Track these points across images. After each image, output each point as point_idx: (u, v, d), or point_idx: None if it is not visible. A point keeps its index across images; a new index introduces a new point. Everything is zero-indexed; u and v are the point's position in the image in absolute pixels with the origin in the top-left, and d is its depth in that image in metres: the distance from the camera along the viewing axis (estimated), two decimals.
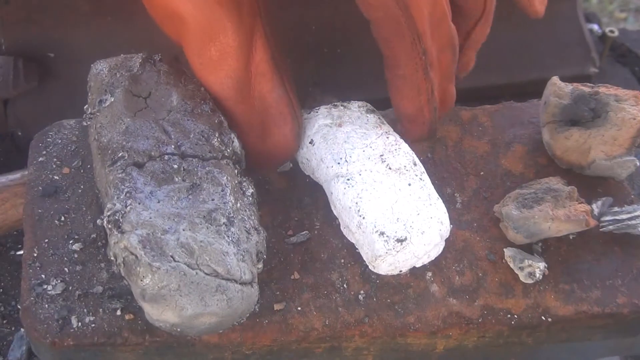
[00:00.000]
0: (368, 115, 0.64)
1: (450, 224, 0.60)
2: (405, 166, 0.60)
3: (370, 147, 0.61)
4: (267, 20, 0.59)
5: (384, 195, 0.58)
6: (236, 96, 0.59)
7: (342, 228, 0.61)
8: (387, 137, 0.62)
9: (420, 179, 0.60)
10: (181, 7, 0.56)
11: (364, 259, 0.59)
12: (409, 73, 0.60)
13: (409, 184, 0.59)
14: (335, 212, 0.62)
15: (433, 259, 0.60)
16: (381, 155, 0.60)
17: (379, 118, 0.64)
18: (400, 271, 0.59)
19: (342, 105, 0.65)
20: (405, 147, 0.62)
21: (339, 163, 0.60)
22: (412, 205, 0.58)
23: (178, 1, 0.56)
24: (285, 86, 0.61)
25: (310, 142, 0.63)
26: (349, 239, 0.61)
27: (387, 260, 0.57)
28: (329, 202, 0.62)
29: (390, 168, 0.60)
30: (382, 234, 0.57)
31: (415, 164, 0.61)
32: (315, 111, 0.65)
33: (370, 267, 0.59)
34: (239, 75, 0.58)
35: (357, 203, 0.58)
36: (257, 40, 0.58)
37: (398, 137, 0.63)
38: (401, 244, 0.57)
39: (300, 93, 0.63)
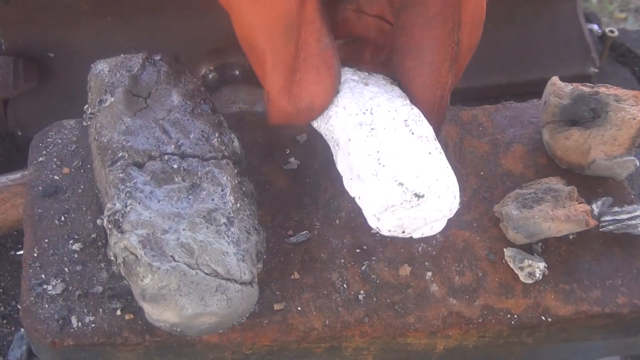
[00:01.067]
0: (393, 86, 0.63)
1: (450, 223, 0.60)
2: (427, 136, 0.59)
3: (396, 110, 0.60)
4: None
5: (408, 153, 0.57)
6: (282, 39, 0.57)
7: (346, 181, 0.60)
8: (412, 108, 0.61)
9: (440, 153, 0.59)
10: None
11: (367, 212, 0.58)
12: (438, 61, 0.59)
13: (430, 153, 0.58)
14: (341, 166, 0.60)
15: (434, 233, 0.59)
16: (405, 120, 0.59)
17: (401, 91, 0.63)
18: (403, 232, 0.58)
19: (366, 72, 0.64)
20: (426, 122, 0.60)
21: (364, 113, 0.59)
22: (433, 172, 0.57)
23: None
24: (331, 37, 0.59)
25: None
26: (353, 191, 0.59)
27: (398, 213, 0.56)
28: (333, 156, 0.61)
29: (413, 133, 0.58)
30: (401, 184, 0.56)
31: (435, 139, 0.60)
32: (342, 67, 0.63)
33: (372, 222, 0.58)
34: (291, 17, 0.56)
35: (378, 152, 0.57)
36: None
37: (420, 113, 0.61)
38: (418, 199, 0.56)
39: None
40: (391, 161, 0.56)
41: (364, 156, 0.58)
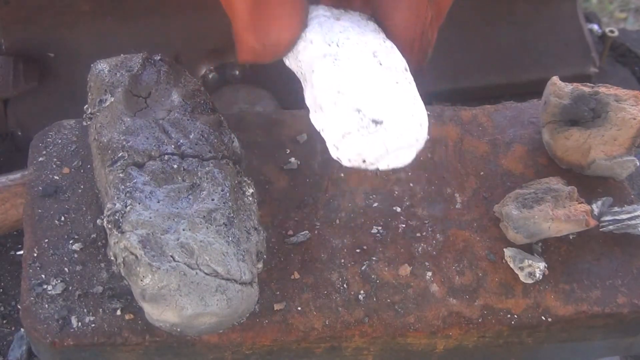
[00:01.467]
0: (368, 21, 0.62)
1: (451, 223, 0.59)
2: (396, 67, 0.58)
3: (365, 43, 0.59)
4: None
5: (370, 81, 0.56)
6: None
7: (312, 114, 0.59)
8: (384, 41, 0.60)
9: (409, 83, 0.58)
10: None
11: (328, 142, 0.57)
12: None
13: (397, 82, 0.57)
14: (308, 100, 0.59)
15: (400, 165, 0.58)
16: (374, 52, 0.58)
17: (377, 26, 0.62)
18: (364, 162, 0.56)
19: (342, 9, 0.63)
20: (398, 54, 0.60)
21: (329, 45, 0.58)
22: (395, 99, 0.56)
23: None
24: None
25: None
26: (317, 124, 0.58)
27: (355, 140, 0.55)
28: (303, 90, 0.60)
29: (381, 64, 0.58)
30: (358, 111, 0.55)
31: (406, 70, 0.59)
32: (316, 5, 0.63)
33: (333, 151, 0.57)
34: None
35: (339, 80, 0.56)
36: None
37: (394, 45, 0.60)
38: (375, 125, 0.54)
39: None
40: (351, 89, 0.56)
41: (325, 87, 0.57)
